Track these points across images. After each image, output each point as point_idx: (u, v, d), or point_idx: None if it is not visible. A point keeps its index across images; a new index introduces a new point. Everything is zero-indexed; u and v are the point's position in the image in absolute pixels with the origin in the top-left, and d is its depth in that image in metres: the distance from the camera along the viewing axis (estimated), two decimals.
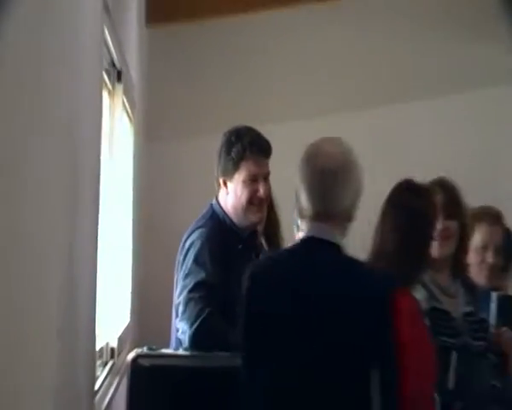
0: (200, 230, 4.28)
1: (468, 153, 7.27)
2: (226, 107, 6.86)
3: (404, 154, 6.24)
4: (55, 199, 2.69)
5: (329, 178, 3.49)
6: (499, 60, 7.93)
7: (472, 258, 4.90)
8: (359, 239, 3.92)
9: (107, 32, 3.87)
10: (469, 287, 4.60)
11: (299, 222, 4.09)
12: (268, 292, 3.59)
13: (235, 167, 4.27)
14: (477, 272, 4.92)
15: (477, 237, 4.98)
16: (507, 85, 7.93)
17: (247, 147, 4.29)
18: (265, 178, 4.40)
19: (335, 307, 3.46)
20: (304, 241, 3.63)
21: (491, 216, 5.16)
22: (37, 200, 2.39)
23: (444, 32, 8.07)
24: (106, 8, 3.76)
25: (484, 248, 5.00)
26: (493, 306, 4.79)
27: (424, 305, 4.19)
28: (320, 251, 3.53)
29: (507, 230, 5.25)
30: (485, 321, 4.58)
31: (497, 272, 5.01)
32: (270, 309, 3.53)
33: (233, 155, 4.28)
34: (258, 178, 4.31)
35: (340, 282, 3.51)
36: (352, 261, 3.58)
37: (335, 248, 3.49)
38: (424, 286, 4.27)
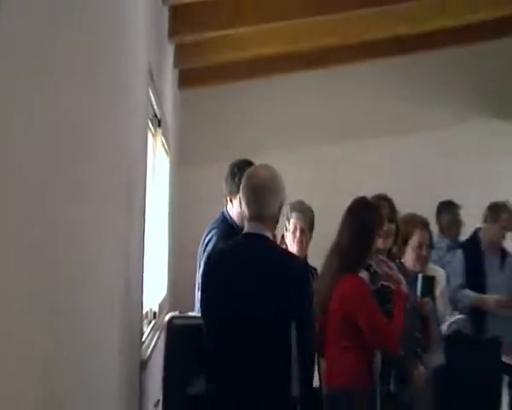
0: (215, 230, 4.36)
1: (402, 176, 7.36)
2: (234, 143, 6.96)
3: (357, 175, 6.35)
4: (117, 209, 2.84)
5: (259, 192, 3.58)
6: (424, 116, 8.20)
7: (410, 253, 5.19)
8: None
9: (151, 94, 3.97)
10: (402, 270, 4.88)
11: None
12: (220, 264, 3.70)
13: (238, 190, 4.14)
14: (413, 262, 5.17)
15: (415, 239, 5.20)
16: (426, 132, 8.20)
17: None
18: None
19: (262, 273, 3.51)
20: (244, 235, 3.71)
21: (423, 223, 5.32)
22: (105, 208, 2.56)
23: (387, 93, 8.22)
24: (151, 78, 3.85)
25: (419, 247, 5.18)
26: (419, 283, 4.95)
27: (371, 283, 4.47)
28: (254, 241, 3.61)
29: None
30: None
31: (426, 262, 5.26)
32: (221, 274, 3.62)
33: (236, 181, 4.28)
34: None
35: (266, 259, 3.59)
36: (275, 247, 3.81)
37: (265, 239, 3.59)
38: (368, 269, 4.51)
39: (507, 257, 6.30)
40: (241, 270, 3.60)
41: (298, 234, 4.80)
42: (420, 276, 5.18)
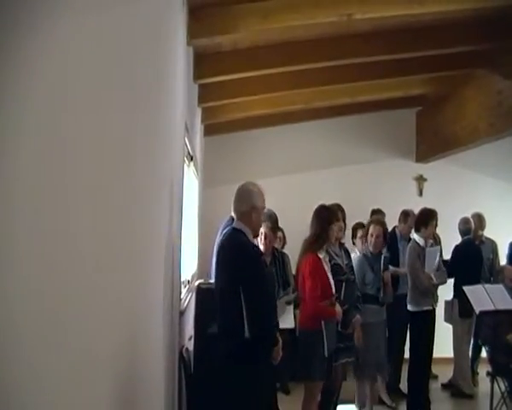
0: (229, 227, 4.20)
1: (344, 193, 7.08)
2: (240, 172, 6.82)
3: (317, 193, 6.37)
4: (165, 213, 2.81)
5: (237, 197, 3.46)
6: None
7: (369, 239, 5.26)
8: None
9: (187, 140, 4.00)
10: (347, 252, 4.92)
11: None
12: (216, 250, 3.71)
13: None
14: (369, 245, 5.25)
15: (371, 230, 5.29)
16: (357, 165, 8.25)
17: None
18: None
19: (225, 254, 3.44)
20: (230, 229, 3.55)
21: (377, 221, 5.43)
22: (158, 213, 2.58)
23: (334, 140, 8.25)
24: (186, 128, 3.90)
25: (372, 235, 5.27)
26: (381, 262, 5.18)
27: (327, 261, 4.48)
28: (233, 234, 3.44)
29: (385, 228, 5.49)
30: (353, 268, 4.88)
31: (380, 245, 5.29)
32: (216, 257, 3.60)
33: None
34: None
35: (232, 246, 3.42)
36: (242, 238, 3.42)
37: (239, 233, 3.40)
38: (327, 251, 4.53)
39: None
40: (219, 254, 3.53)
41: (262, 238, 4.65)
42: (383, 256, 5.28)
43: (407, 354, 5.84)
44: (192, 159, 4.66)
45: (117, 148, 1.55)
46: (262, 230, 4.58)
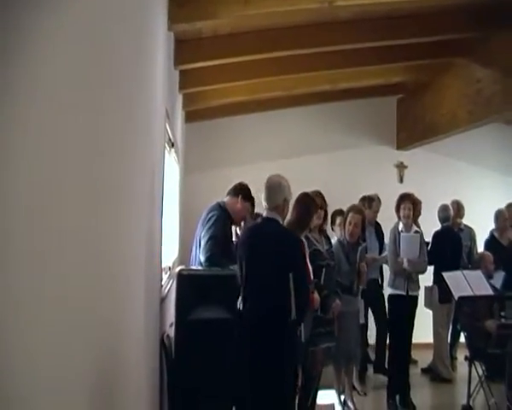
0: (215, 211, 4.37)
1: (327, 179, 7.29)
2: (221, 159, 7.00)
3: (300, 179, 6.40)
4: (146, 199, 2.78)
5: (271, 191, 3.85)
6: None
7: (347, 227, 5.22)
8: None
9: (167, 126, 3.95)
10: (328, 238, 4.92)
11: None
12: (246, 238, 3.95)
13: (246, 200, 4.52)
14: (346, 233, 5.22)
15: (349, 218, 5.24)
16: (339, 151, 8.30)
17: (251, 197, 4.59)
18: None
19: (275, 243, 3.78)
20: (263, 218, 3.98)
21: (356, 209, 5.37)
22: (138, 199, 2.53)
23: (317, 127, 8.28)
24: (167, 115, 3.85)
25: (350, 223, 5.22)
26: (358, 254, 5.21)
27: (308, 247, 4.48)
28: (269, 222, 3.87)
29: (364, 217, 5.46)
30: (334, 254, 4.89)
31: (356, 234, 5.27)
32: (250, 243, 3.88)
33: (247, 194, 4.55)
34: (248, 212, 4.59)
35: (277, 234, 3.85)
36: (282, 227, 3.94)
37: (276, 222, 3.85)
38: (307, 238, 4.55)
39: (379, 229, 6.44)
40: (262, 240, 3.81)
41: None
42: (360, 248, 5.30)
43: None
44: (173, 145, 4.62)
45: (97, 134, 1.55)
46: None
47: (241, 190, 4.58)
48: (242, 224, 4.86)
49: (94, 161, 1.52)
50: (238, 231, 5.02)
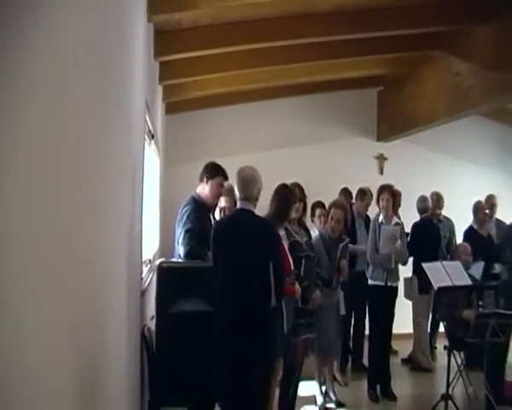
0: (189, 205, 4.32)
1: (306, 171, 7.31)
2: (200, 150, 6.90)
3: (279, 170, 6.38)
4: (127, 191, 2.79)
5: (246, 183, 3.83)
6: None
7: (329, 222, 5.25)
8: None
9: (147, 118, 3.97)
10: (307, 230, 4.94)
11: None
12: (222, 230, 3.88)
13: (214, 177, 4.42)
14: (328, 229, 5.27)
15: (331, 213, 5.27)
16: (318, 143, 8.30)
17: (220, 171, 4.49)
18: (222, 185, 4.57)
19: (253, 234, 3.78)
20: (237, 210, 3.98)
21: (339, 204, 5.38)
22: (120, 190, 2.54)
23: (295, 119, 8.31)
24: (147, 106, 3.85)
25: (332, 218, 5.26)
26: (338, 251, 5.26)
27: (286, 238, 4.50)
28: (244, 213, 3.86)
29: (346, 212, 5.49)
30: (313, 245, 4.91)
31: (338, 230, 5.29)
32: (224, 237, 3.82)
33: (214, 172, 4.44)
34: (222, 186, 4.48)
35: (253, 224, 3.84)
36: (258, 216, 3.93)
37: (251, 212, 3.84)
38: (286, 230, 4.55)
39: (369, 222, 6.38)
40: (239, 231, 3.79)
41: (226, 211, 4.77)
42: (341, 245, 5.33)
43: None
44: (153, 137, 4.60)
45: (76, 126, 1.53)
46: (223, 204, 4.75)
47: (205, 172, 4.47)
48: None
49: (73, 153, 1.50)
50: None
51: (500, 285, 6.75)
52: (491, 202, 7.33)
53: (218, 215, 4.82)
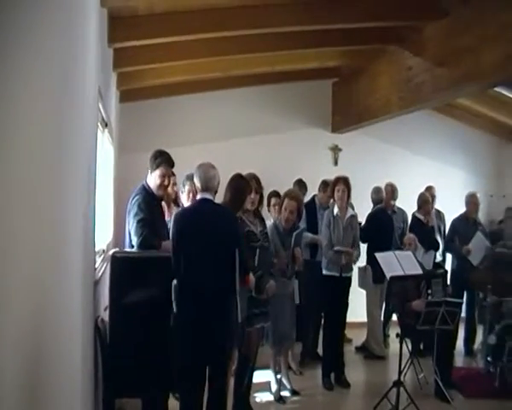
0: (139, 195, 4.25)
1: (262, 161, 7.40)
2: (154, 139, 6.74)
3: (236, 160, 6.38)
4: (78, 183, 2.72)
5: (208, 178, 3.92)
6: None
7: (283, 213, 5.27)
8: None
9: (100, 106, 3.92)
10: (262, 220, 4.94)
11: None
12: (185, 220, 3.93)
13: (156, 167, 4.30)
14: (281, 219, 5.28)
15: (284, 204, 5.28)
16: (274, 134, 8.33)
17: (164, 160, 4.36)
18: (169, 176, 4.50)
19: (215, 222, 3.88)
20: (199, 200, 4.01)
21: (292, 195, 5.39)
22: (71, 183, 2.47)
23: (253, 108, 8.29)
24: (100, 96, 3.80)
25: (285, 209, 5.26)
26: (292, 239, 5.29)
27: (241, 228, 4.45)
28: (206, 203, 3.94)
29: (300, 203, 5.45)
30: (267, 235, 4.91)
31: (292, 221, 5.29)
32: (186, 227, 3.88)
33: (155, 162, 4.31)
34: (165, 176, 4.37)
35: (215, 213, 3.94)
36: (218, 205, 4.09)
37: (212, 202, 3.97)
38: (241, 219, 4.53)
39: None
40: (202, 220, 3.90)
41: (190, 196, 4.88)
42: (295, 234, 5.35)
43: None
44: (107, 125, 4.53)
45: (24, 113, 1.49)
46: (187, 187, 4.99)
47: (150, 162, 4.38)
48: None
49: (22, 142, 1.46)
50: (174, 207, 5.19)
51: (451, 275, 6.99)
52: (430, 193, 7.49)
53: (185, 201, 4.98)
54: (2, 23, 1.27)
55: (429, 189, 7.63)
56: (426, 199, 7.20)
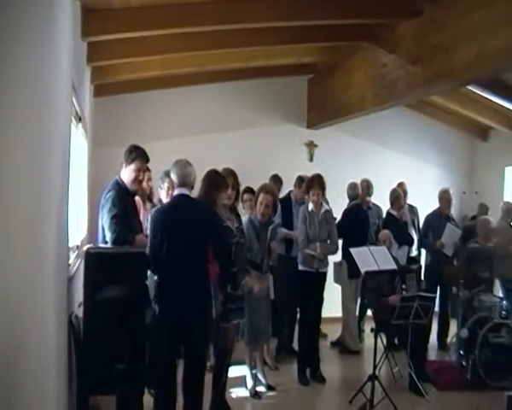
0: (112, 190, 4.20)
1: (241, 156, 7.44)
2: (128, 133, 6.78)
3: (213, 156, 6.37)
4: (52, 177, 2.67)
5: (184, 172, 4.02)
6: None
7: (258, 207, 5.26)
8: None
9: (74, 100, 3.87)
10: (238, 216, 4.94)
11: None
12: (163, 216, 4.02)
13: (130, 162, 4.25)
14: (257, 213, 5.29)
15: (260, 198, 5.28)
16: (252, 128, 8.35)
17: (139, 155, 4.32)
18: (144, 171, 4.49)
19: (192, 218, 3.98)
20: (177, 196, 4.11)
21: (267, 190, 5.40)
22: (45, 177, 2.43)
23: (229, 103, 8.34)
24: (74, 90, 3.75)
25: (261, 203, 5.25)
26: (269, 233, 5.35)
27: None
28: (183, 198, 4.05)
29: (275, 197, 5.49)
30: (243, 231, 4.92)
31: (267, 215, 5.30)
32: (165, 223, 3.97)
33: (130, 157, 4.27)
34: (140, 170, 4.33)
35: (192, 207, 4.05)
36: (195, 200, 4.19)
37: (189, 197, 4.09)
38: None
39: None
40: (180, 215, 4.00)
41: (170, 192, 4.88)
42: (270, 228, 5.35)
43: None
44: (80, 119, 4.48)
45: None
46: (166, 184, 5.03)
47: (125, 156, 4.34)
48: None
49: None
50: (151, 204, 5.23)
51: (424, 270, 7.08)
52: (402, 189, 7.58)
53: (164, 198, 5.03)
54: None
55: (401, 185, 7.71)
56: (398, 195, 7.27)
